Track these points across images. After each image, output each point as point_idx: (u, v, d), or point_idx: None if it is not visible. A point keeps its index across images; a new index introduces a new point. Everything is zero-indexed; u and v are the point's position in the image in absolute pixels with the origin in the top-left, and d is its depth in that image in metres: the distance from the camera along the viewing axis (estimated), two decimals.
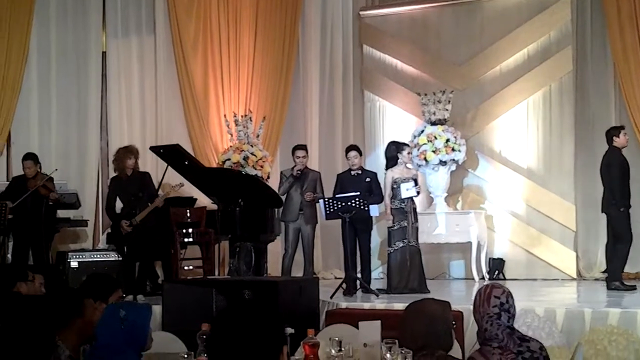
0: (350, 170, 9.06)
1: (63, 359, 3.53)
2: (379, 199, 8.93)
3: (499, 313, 3.43)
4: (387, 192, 8.72)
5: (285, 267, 9.30)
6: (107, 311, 3.54)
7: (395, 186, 8.66)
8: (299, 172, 9.19)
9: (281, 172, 9.62)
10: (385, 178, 8.79)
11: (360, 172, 9.02)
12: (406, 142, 9.58)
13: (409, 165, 9.07)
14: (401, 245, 8.57)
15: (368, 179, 8.95)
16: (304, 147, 9.49)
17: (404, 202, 8.62)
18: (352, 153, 9.04)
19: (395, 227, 8.62)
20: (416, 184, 8.67)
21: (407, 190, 8.57)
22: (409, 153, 9.00)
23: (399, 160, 8.78)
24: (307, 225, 9.27)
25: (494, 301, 3.46)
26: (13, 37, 10.70)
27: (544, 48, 10.92)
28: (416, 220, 8.72)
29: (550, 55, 10.86)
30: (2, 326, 2.75)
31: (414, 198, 8.73)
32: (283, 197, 9.29)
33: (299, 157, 9.26)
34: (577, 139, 10.71)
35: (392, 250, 8.65)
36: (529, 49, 11.00)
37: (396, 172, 8.73)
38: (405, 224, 8.59)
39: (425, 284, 8.59)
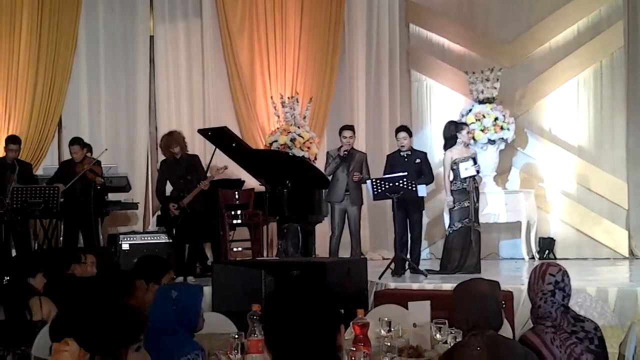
0: (399, 151, 9.00)
1: None
2: (430, 180, 8.88)
3: (553, 291, 3.40)
4: (446, 173, 8.60)
5: (332, 248, 9.32)
6: (160, 292, 3.59)
7: (455, 167, 8.52)
8: (345, 152, 9.16)
9: (327, 153, 9.61)
10: (444, 159, 8.67)
11: (409, 152, 8.95)
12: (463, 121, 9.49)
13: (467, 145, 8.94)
14: (460, 225, 8.45)
15: (418, 160, 8.89)
16: (351, 128, 9.47)
17: (465, 182, 8.48)
18: (402, 134, 8.97)
19: (456, 207, 8.50)
20: (475, 162, 8.57)
21: (466, 169, 8.45)
22: (468, 132, 8.87)
23: (457, 140, 8.64)
24: (353, 207, 9.25)
25: (549, 279, 3.43)
26: (62, 23, 10.89)
27: (594, 23, 10.71)
28: (478, 200, 8.58)
29: (600, 30, 10.65)
30: (61, 308, 2.82)
31: (476, 177, 8.62)
32: (329, 178, 9.29)
33: (346, 138, 9.23)
34: (629, 116, 10.51)
35: (451, 231, 8.56)
36: (579, 24, 10.80)
37: (455, 152, 8.58)
38: (467, 204, 8.44)
39: (479, 265, 8.51)
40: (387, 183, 8.37)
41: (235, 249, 9.33)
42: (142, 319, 2.46)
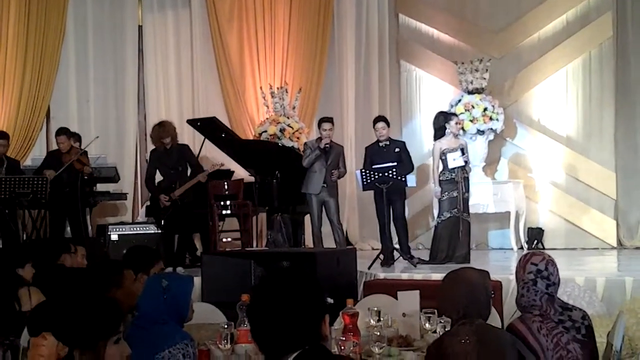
0: (378, 141, 8.93)
1: None
2: (410, 169, 8.84)
3: (534, 279, 3.41)
4: (435, 164, 8.60)
5: (315, 239, 9.19)
6: (150, 281, 3.58)
7: (443, 157, 8.52)
8: (327, 145, 8.96)
9: (305, 144, 9.34)
10: (433, 149, 8.67)
11: (388, 142, 8.87)
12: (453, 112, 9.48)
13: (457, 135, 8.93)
14: (449, 215, 8.43)
15: (397, 149, 8.82)
16: (330, 120, 9.15)
17: (453, 172, 8.47)
18: (380, 124, 8.89)
19: (444, 198, 8.50)
20: (463, 153, 8.57)
21: (454, 160, 8.45)
22: (457, 123, 8.85)
23: (446, 131, 8.62)
24: (331, 198, 8.99)
25: (530, 268, 3.44)
26: (50, 12, 10.80)
27: (583, 14, 10.73)
28: (467, 190, 8.55)
29: (589, 21, 10.67)
30: (50, 298, 2.81)
31: (466, 168, 8.61)
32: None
33: (326, 130, 8.95)
34: (617, 106, 10.54)
35: (439, 221, 8.55)
36: (568, 14, 10.82)
37: (444, 142, 8.58)
38: (456, 194, 8.43)
39: (469, 255, 8.48)
40: (376, 173, 8.36)
41: (224, 240, 9.32)
42: (120, 310, 2.44)
